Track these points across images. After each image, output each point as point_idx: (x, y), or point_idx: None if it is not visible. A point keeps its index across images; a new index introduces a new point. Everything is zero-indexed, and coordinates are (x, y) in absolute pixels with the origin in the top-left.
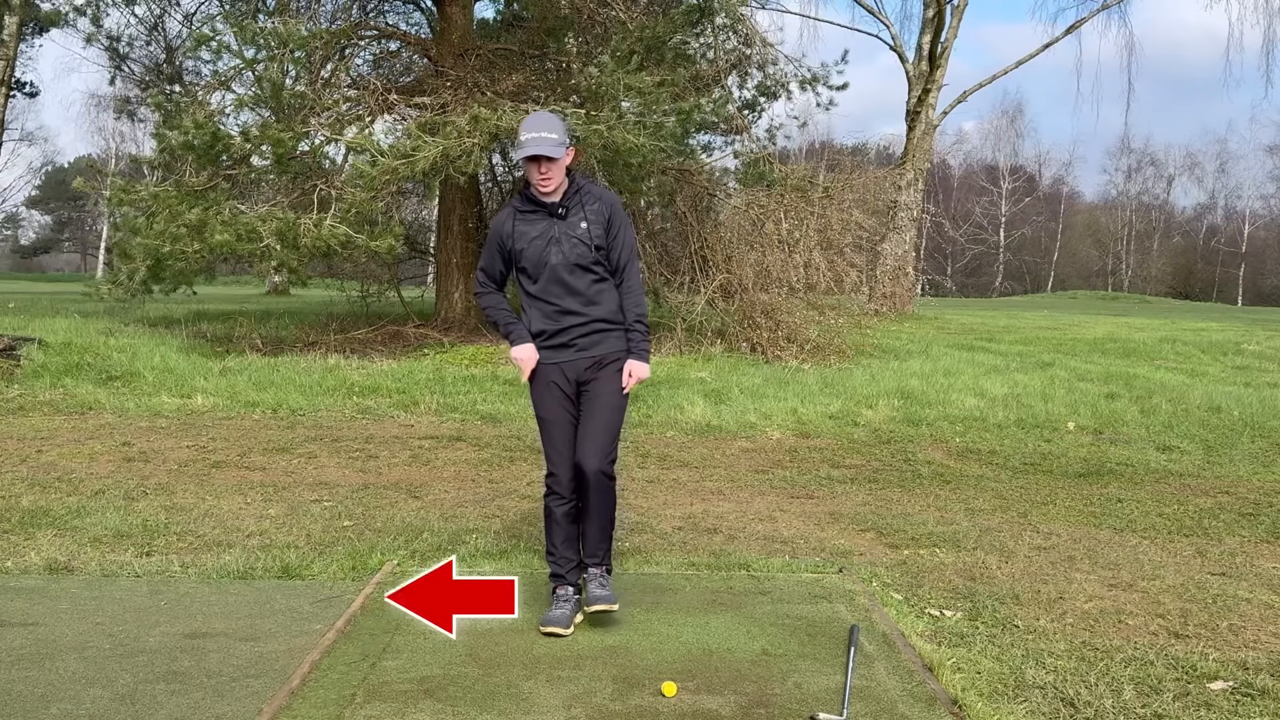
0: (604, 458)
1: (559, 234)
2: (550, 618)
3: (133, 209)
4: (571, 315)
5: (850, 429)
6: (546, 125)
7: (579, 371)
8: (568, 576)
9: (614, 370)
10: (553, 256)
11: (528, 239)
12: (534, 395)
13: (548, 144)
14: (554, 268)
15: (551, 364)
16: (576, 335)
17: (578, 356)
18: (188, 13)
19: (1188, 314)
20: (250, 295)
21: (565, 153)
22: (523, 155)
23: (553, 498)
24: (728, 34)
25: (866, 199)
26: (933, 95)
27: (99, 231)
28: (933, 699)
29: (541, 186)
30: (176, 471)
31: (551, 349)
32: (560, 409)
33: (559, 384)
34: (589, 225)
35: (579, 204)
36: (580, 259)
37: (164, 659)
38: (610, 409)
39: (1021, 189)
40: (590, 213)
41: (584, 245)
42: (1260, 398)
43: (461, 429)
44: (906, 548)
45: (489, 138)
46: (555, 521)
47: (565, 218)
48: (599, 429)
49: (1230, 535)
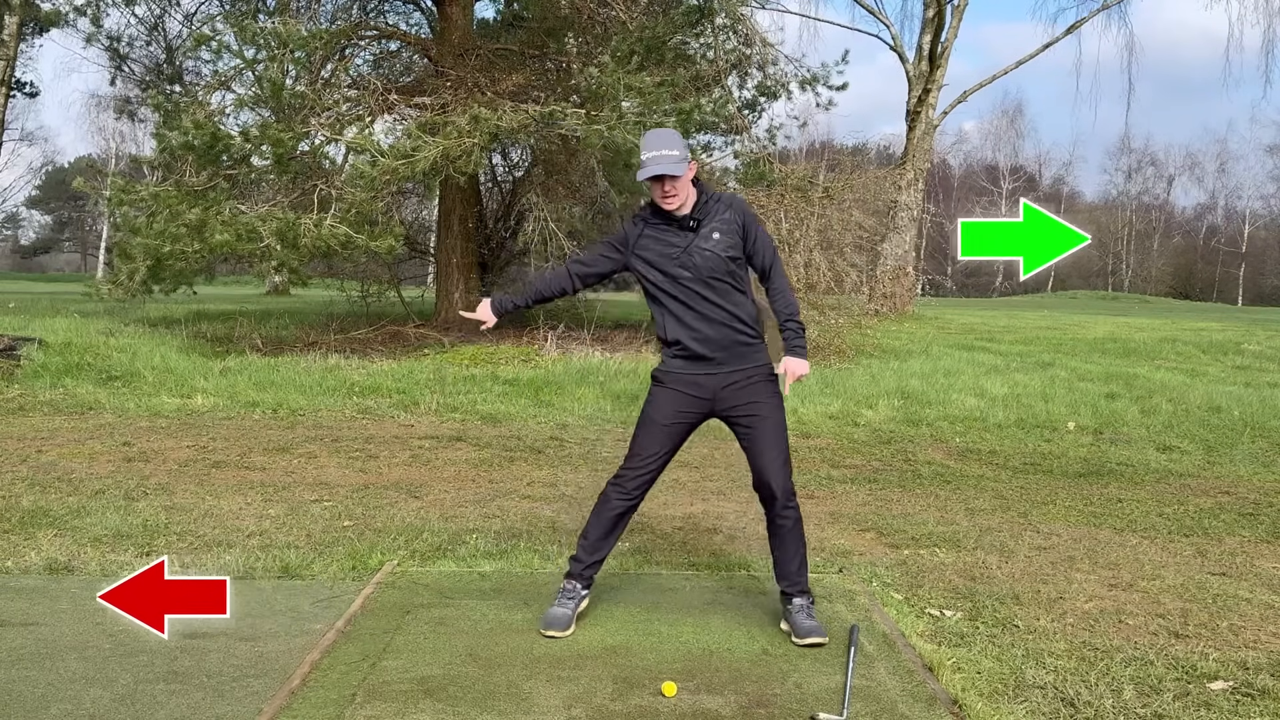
0: (788, 477)
1: (691, 246)
2: (551, 619)
3: (133, 209)
4: (709, 325)
5: (850, 429)
6: (666, 143)
7: (715, 387)
8: (585, 569)
9: (765, 384)
10: (686, 270)
11: (658, 252)
12: (653, 393)
13: (669, 161)
14: (688, 281)
15: (685, 374)
16: (715, 349)
17: (716, 371)
18: (188, 13)
19: (1188, 314)
20: (250, 295)
21: (688, 168)
22: (646, 176)
23: (616, 488)
24: (728, 34)
25: (866, 199)
26: (933, 95)
27: (99, 231)
28: (933, 699)
29: (666, 205)
30: (176, 471)
31: (688, 359)
32: (675, 418)
33: (690, 393)
34: (721, 236)
35: (710, 215)
36: (714, 271)
37: (164, 659)
38: (777, 426)
39: (1021, 189)
40: (721, 222)
41: (718, 257)
42: (1260, 398)
43: (461, 429)
44: (906, 548)
45: (489, 138)
46: (608, 509)
47: (698, 230)
48: (774, 449)
49: (1230, 535)
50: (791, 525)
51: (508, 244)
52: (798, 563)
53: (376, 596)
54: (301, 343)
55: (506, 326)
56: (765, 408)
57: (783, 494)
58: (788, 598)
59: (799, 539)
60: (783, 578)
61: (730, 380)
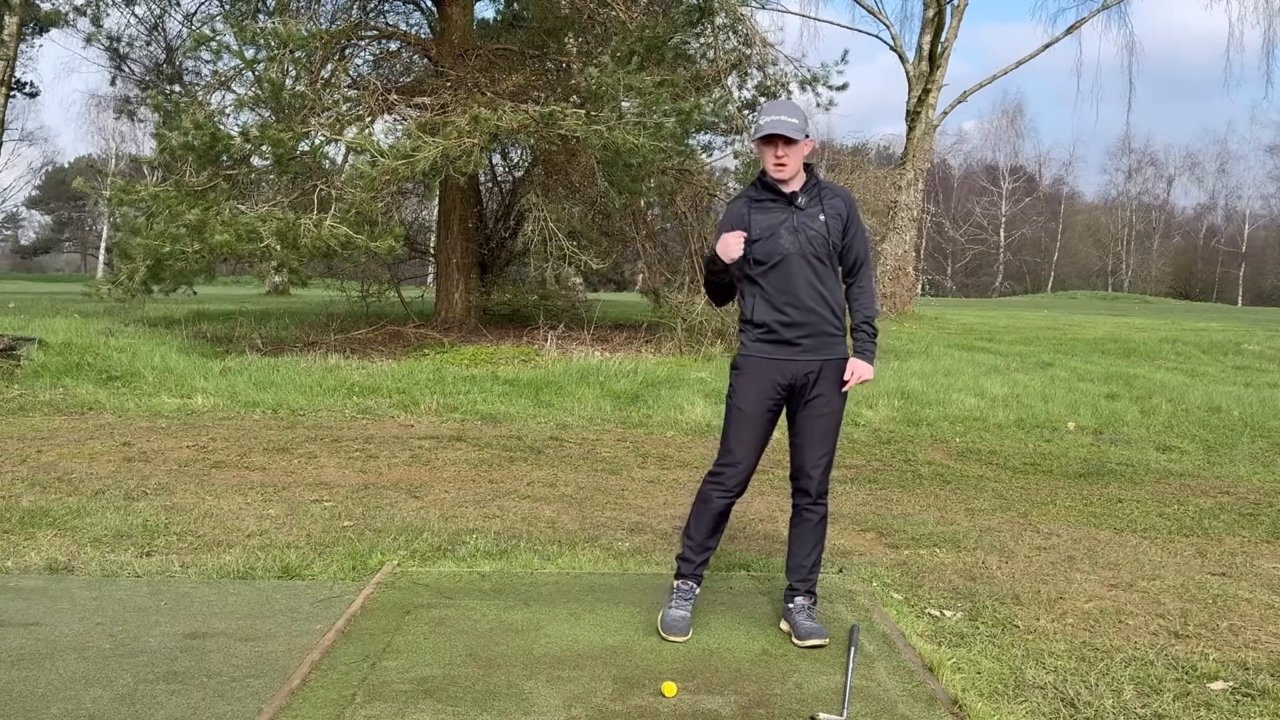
0: (826, 476)
1: (797, 223)
2: (670, 624)
3: (133, 209)
4: (799, 310)
5: (850, 429)
6: (788, 111)
7: (796, 375)
8: (698, 569)
9: (837, 380)
10: (789, 245)
11: (763, 226)
12: (736, 383)
13: (787, 126)
14: (790, 257)
15: (769, 359)
16: (802, 334)
17: (800, 358)
18: (188, 13)
19: (1188, 314)
20: (250, 295)
21: (805, 142)
22: (760, 135)
23: (716, 486)
24: (728, 34)
25: (866, 199)
26: (933, 95)
27: (99, 231)
28: (933, 699)
29: (777, 171)
30: (176, 471)
31: (772, 344)
32: (761, 406)
33: (774, 380)
34: (827, 219)
35: (817, 197)
36: (816, 252)
37: (164, 659)
38: (833, 427)
39: (1021, 189)
40: (829, 207)
41: (822, 238)
42: (1260, 398)
43: (461, 429)
44: (906, 548)
45: (489, 138)
46: (710, 508)
47: (804, 208)
48: (823, 445)
49: (1230, 535)
50: (816, 521)
51: (508, 244)
52: (812, 561)
53: (376, 596)
54: (301, 343)
55: (506, 326)
56: (831, 404)
57: (817, 492)
58: (792, 595)
59: (820, 537)
60: (793, 571)
61: (811, 368)
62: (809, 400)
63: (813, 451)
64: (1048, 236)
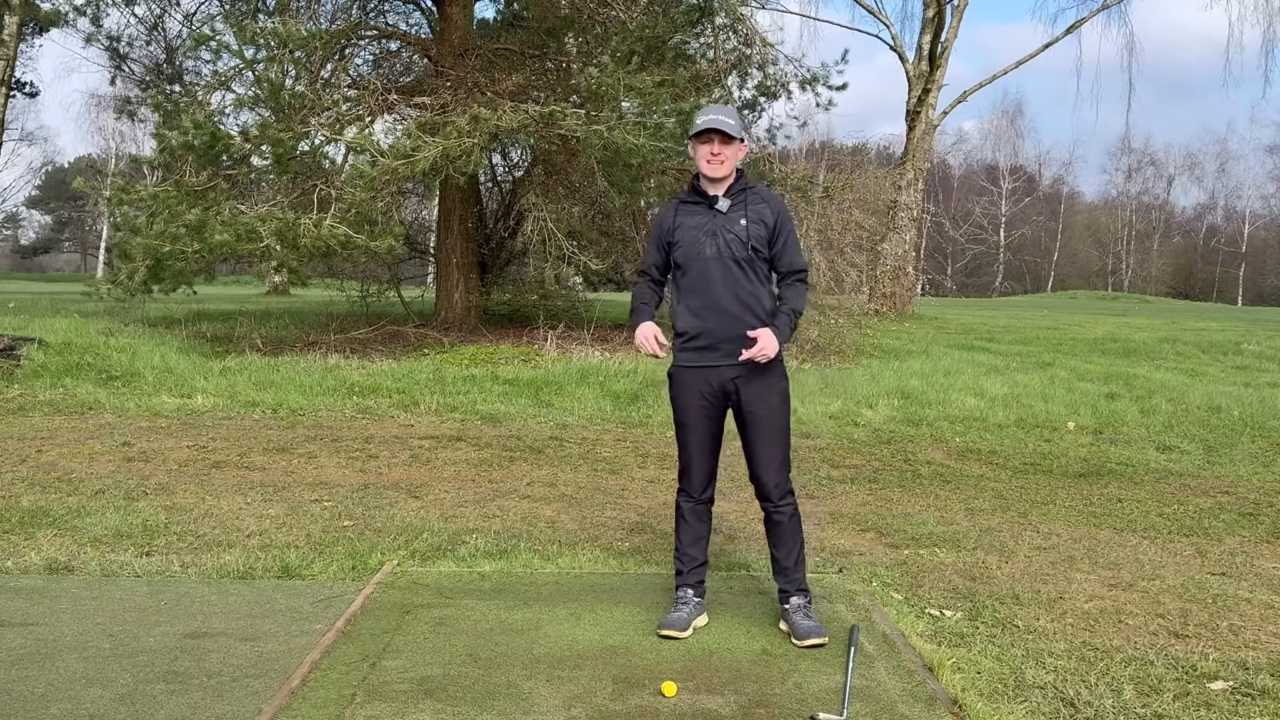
0: (785, 475)
1: (716, 227)
2: (669, 620)
3: (133, 209)
4: (717, 314)
5: (850, 429)
6: (726, 112)
7: (724, 381)
8: (690, 578)
9: (775, 382)
10: (707, 249)
11: (686, 229)
12: (673, 397)
13: (723, 124)
14: (707, 261)
15: (694, 368)
16: (722, 339)
17: (721, 363)
18: (188, 13)
19: (1188, 314)
20: (250, 295)
21: (741, 144)
22: (696, 130)
23: (683, 496)
24: (728, 34)
25: (866, 199)
26: (933, 95)
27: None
28: (933, 699)
29: (710, 170)
30: (176, 471)
31: (696, 350)
32: (700, 416)
33: (701, 390)
34: (749, 224)
35: (743, 202)
36: (735, 255)
37: (164, 659)
38: (777, 428)
39: (1021, 189)
40: (752, 212)
41: (740, 241)
42: (1260, 398)
43: (461, 429)
44: (906, 548)
45: (489, 138)
46: (684, 519)
47: (726, 212)
48: (771, 449)
49: (1230, 535)
50: (787, 521)
51: (508, 244)
52: (794, 560)
53: (376, 596)
54: (301, 343)
55: (506, 326)
56: (767, 404)
57: (777, 492)
58: (785, 596)
59: (796, 535)
60: (780, 574)
61: (737, 373)
62: (746, 408)
63: (762, 457)
64: (1048, 236)
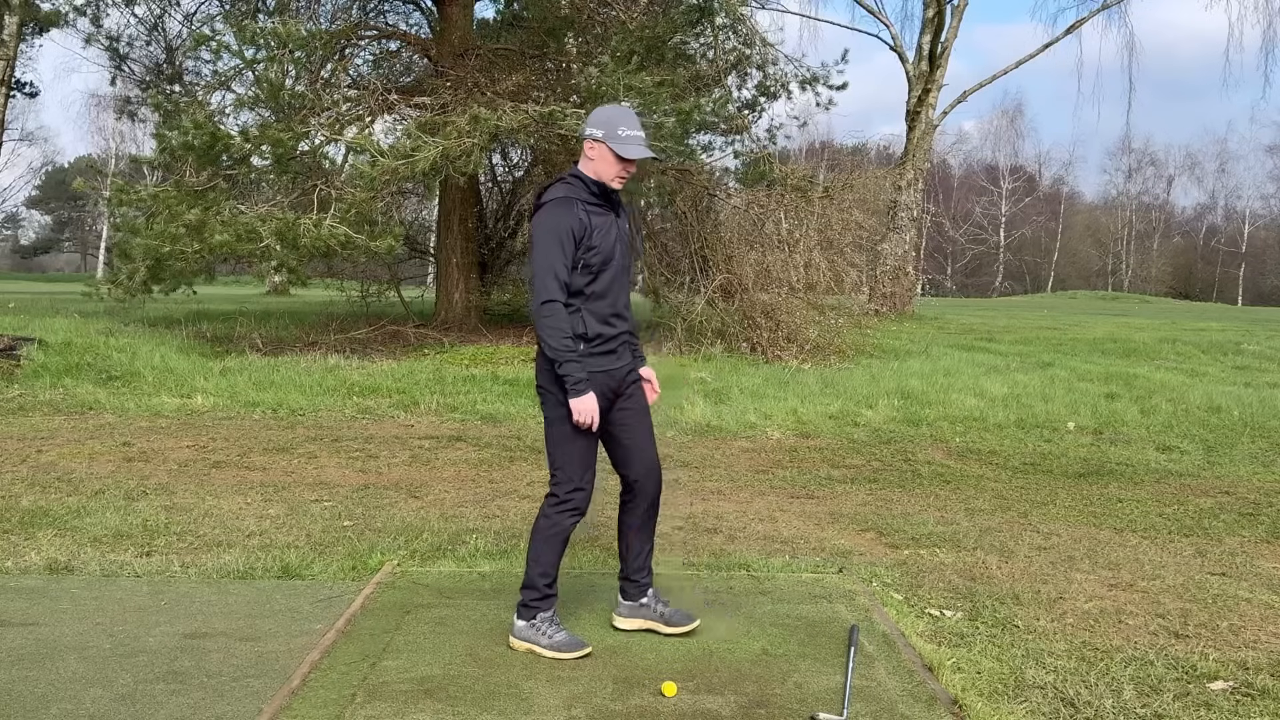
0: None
1: (620, 232)
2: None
3: (133, 209)
4: (623, 320)
5: (850, 429)
6: (641, 128)
7: (623, 380)
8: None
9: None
10: (618, 255)
11: (602, 233)
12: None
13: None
14: (621, 267)
15: (601, 372)
16: (622, 342)
17: (620, 365)
18: (188, 13)
19: (1188, 314)
20: (250, 295)
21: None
22: (641, 156)
23: (571, 513)
24: (728, 34)
25: (866, 199)
26: (933, 95)
27: (99, 231)
28: (933, 699)
29: (617, 184)
30: (176, 471)
31: (602, 355)
32: (601, 419)
33: (604, 394)
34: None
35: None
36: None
37: (164, 659)
38: (649, 421)
39: (1021, 189)
40: (622, 214)
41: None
42: (1260, 398)
43: (461, 429)
44: (906, 548)
45: (489, 138)
46: (562, 541)
47: (620, 216)
48: (651, 440)
49: (1230, 535)
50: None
51: (508, 244)
52: (651, 549)
53: (376, 596)
54: (301, 343)
55: (506, 326)
56: (642, 401)
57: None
58: (642, 590)
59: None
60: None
61: (630, 368)
62: (628, 405)
63: (649, 447)
64: (1047, 236)
